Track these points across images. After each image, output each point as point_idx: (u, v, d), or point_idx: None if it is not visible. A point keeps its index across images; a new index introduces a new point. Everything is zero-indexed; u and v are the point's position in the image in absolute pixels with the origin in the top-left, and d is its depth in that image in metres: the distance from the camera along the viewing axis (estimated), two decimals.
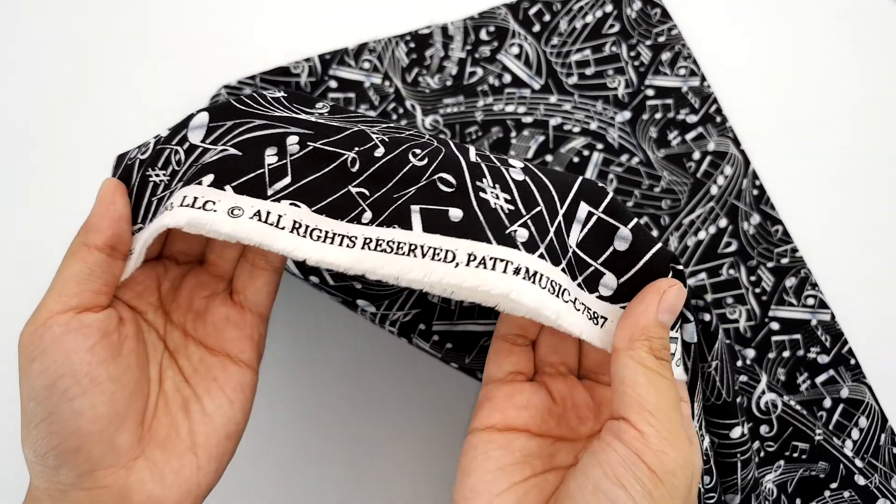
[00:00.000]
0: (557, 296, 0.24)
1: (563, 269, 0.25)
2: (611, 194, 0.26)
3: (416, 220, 0.24)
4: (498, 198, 0.25)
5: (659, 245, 0.26)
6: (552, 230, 0.25)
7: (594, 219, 0.26)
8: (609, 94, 0.45)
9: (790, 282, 0.41)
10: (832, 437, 0.37)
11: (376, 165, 0.25)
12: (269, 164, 0.25)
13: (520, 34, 0.46)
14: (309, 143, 0.25)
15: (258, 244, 0.24)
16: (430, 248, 0.24)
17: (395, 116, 0.44)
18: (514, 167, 0.26)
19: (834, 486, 0.36)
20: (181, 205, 0.23)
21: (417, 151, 0.25)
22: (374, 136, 0.26)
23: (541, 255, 0.24)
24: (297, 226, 0.24)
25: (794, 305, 0.41)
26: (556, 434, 0.28)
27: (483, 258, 0.24)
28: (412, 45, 0.46)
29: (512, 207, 0.25)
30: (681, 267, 0.26)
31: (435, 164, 0.25)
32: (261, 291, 0.29)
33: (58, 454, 0.22)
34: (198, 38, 0.47)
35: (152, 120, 0.44)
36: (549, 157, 0.44)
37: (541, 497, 0.25)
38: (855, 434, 0.38)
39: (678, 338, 0.26)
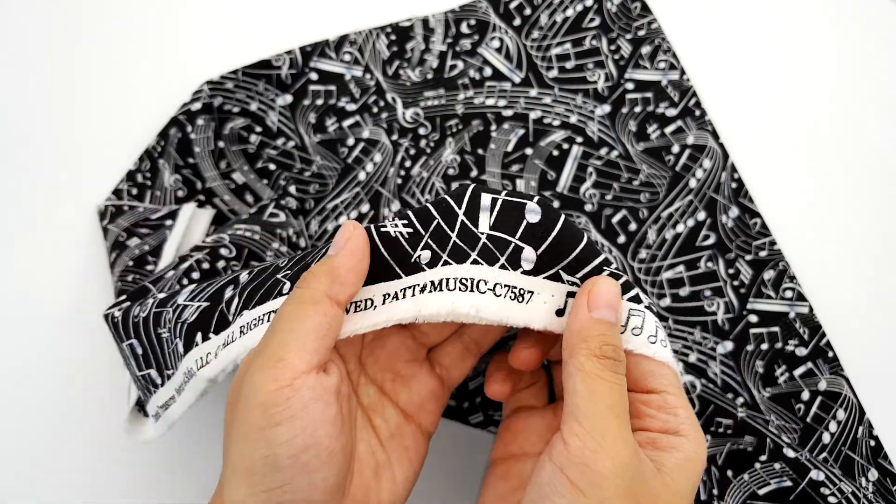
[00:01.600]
0: (471, 290, 0.24)
1: (473, 262, 0.25)
2: (507, 188, 0.27)
3: None
4: (397, 226, 0.25)
5: (564, 216, 0.26)
6: (454, 234, 0.25)
7: (499, 202, 0.25)
8: (589, 87, 0.45)
9: (768, 274, 0.41)
10: (756, 415, 0.37)
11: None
12: None
13: (500, 28, 0.46)
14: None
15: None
16: (352, 303, 0.25)
17: (375, 109, 0.44)
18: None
19: (763, 458, 0.36)
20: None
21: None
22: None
23: (444, 263, 0.25)
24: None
25: (773, 298, 0.41)
26: None
27: (395, 293, 0.24)
28: (393, 37, 0.46)
29: (411, 230, 0.25)
30: (612, 267, 0.25)
31: None
32: (463, 373, 0.29)
33: None
34: (177, 33, 0.47)
35: (134, 119, 0.44)
36: (528, 151, 0.44)
37: None
38: (833, 426, 0.38)
39: (642, 313, 0.25)
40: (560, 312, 0.25)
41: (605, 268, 0.25)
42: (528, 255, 0.25)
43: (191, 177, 0.41)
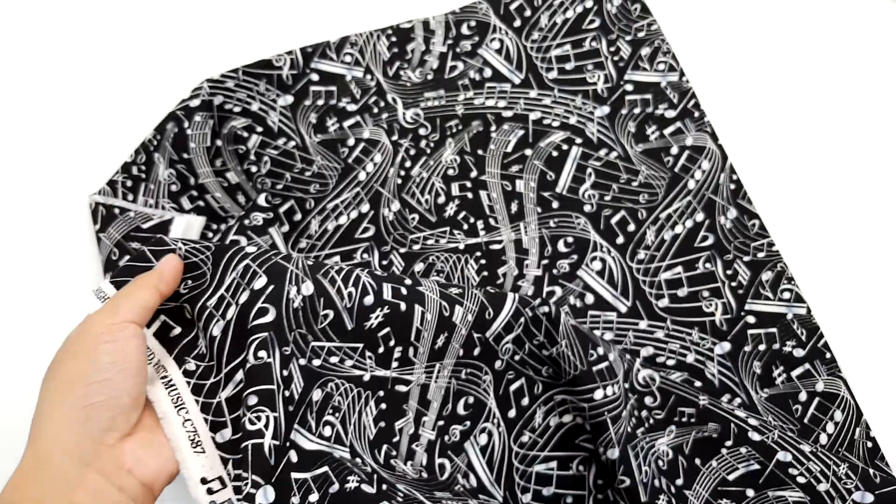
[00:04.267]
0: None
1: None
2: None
3: None
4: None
5: None
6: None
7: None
8: (588, 88, 0.45)
9: (766, 276, 0.42)
10: (718, 401, 0.38)
11: None
12: None
13: (500, 29, 0.46)
14: None
15: None
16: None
17: (376, 110, 0.45)
18: None
19: (729, 443, 0.36)
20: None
21: None
22: None
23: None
24: None
25: (771, 299, 0.41)
26: None
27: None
28: (394, 38, 0.46)
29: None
30: None
31: None
32: None
33: (99, 408, 0.27)
34: (179, 33, 0.47)
35: (133, 114, 0.44)
36: (528, 151, 0.44)
37: None
38: (830, 428, 0.39)
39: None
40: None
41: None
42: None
43: (185, 172, 0.41)
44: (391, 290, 0.33)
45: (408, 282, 0.34)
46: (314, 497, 0.28)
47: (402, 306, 0.33)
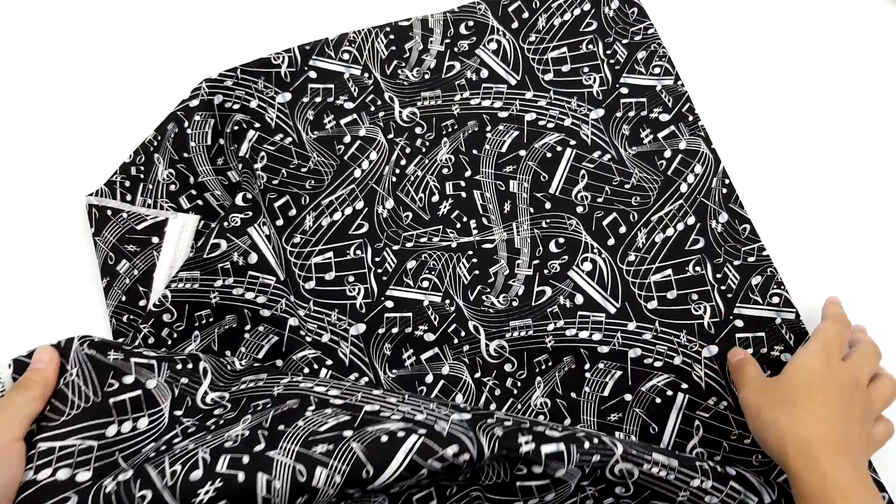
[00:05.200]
0: None
1: None
2: None
3: None
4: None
5: None
6: None
7: None
8: (584, 91, 0.46)
9: (756, 280, 0.42)
10: (702, 495, 0.34)
11: None
12: None
13: (498, 30, 0.47)
14: None
15: None
16: None
17: (372, 108, 0.45)
18: None
19: None
20: None
21: None
22: None
23: None
24: None
25: (759, 304, 0.41)
26: None
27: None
28: (392, 36, 0.46)
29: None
30: None
31: None
32: None
33: None
34: (179, 31, 0.47)
35: (133, 115, 0.45)
36: (522, 152, 0.44)
37: None
38: None
39: None
40: None
41: None
42: None
43: (184, 171, 0.42)
44: (227, 461, 0.31)
45: (258, 447, 0.31)
46: None
47: (240, 476, 0.30)
